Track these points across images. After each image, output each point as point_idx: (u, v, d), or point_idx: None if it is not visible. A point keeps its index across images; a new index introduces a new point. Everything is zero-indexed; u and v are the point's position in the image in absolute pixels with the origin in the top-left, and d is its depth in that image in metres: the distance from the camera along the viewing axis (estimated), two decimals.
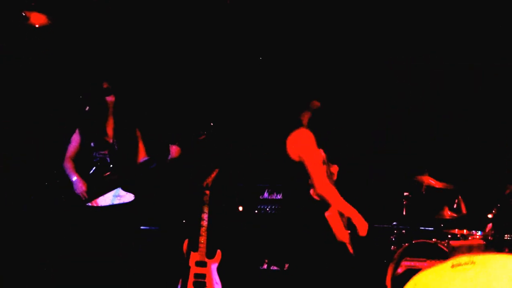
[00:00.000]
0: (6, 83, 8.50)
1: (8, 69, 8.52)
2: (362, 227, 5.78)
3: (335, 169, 6.24)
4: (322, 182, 5.65)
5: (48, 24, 8.51)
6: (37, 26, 8.50)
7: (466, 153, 8.63)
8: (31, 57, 8.61)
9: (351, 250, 5.80)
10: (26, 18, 8.41)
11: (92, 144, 7.17)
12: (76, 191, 7.01)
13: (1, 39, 8.38)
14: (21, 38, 8.54)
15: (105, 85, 7.29)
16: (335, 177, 6.19)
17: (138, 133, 7.42)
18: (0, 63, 8.47)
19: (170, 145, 7.19)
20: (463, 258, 4.05)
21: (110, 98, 7.25)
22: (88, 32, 8.70)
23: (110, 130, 7.26)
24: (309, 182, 5.72)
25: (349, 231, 5.84)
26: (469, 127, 8.69)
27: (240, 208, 8.64)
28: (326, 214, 5.68)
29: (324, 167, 5.77)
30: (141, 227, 7.84)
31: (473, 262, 4.03)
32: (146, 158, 7.30)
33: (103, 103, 7.22)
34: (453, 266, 4.07)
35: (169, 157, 7.19)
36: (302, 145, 5.73)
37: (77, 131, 7.27)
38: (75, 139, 7.27)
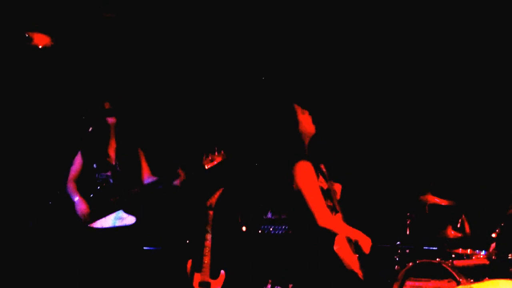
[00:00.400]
0: (9, 103, 8.52)
1: (10, 89, 8.55)
2: (366, 245, 5.76)
3: (338, 187, 6.21)
4: (323, 214, 5.61)
5: (51, 45, 8.55)
6: (40, 47, 8.54)
7: (469, 173, 8.61)
8: (33, 78, 8.64)
9: (361, 276, 5.77)
10: (30, 39, 8.45)
11: (94, 165, 7.19)
12: (77, 212, 7.02)
13: (5, 60, 8.42)
14: (24, 58, 8.57)
15: (106, 106, 7.32)
16: (338, 196, 6.16)
17: (141, 153, 7.44)
18: (4, 83, 8.50)
19: (179, 169, 7.22)
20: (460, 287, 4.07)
21: (112, 120, 7.28)
22: (90, 53, 8.73)
23: (112, 151, 7.28)
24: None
25: (357, 255, 5.82)
26: (473, 147, 8.68)
27: (244, 228, 8.63)
28: (335, 248, 5.63)
29: (322, 200, 5.72)
30: (144, 248, 7.83)
31: None
32: (153, 178, 7.31)
33: (105, 124, 7.25)
34: None
35: (177, 181, 7.22)
36: (300, 178, 5.69)
37: (79, 152, 7.29)
38: (78, 160, 7.28)
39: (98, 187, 7.15)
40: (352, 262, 5.70)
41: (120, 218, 7.11)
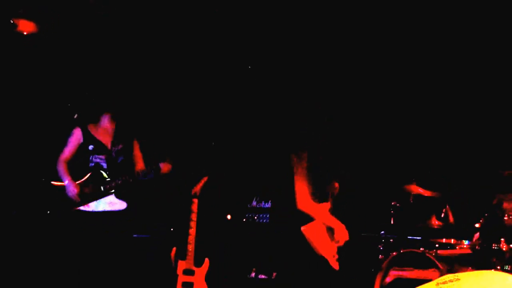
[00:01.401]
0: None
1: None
2: (342, 236, 5.86)
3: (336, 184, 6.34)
4: (302, 198, 5.78)
5: (37, 31, 8.50)
6: (25, 33, 8.48)
7: (453, 162, 8.64)
8: (18, 65, 8.60)
9: (333, 265, 5.83)
10: (15, 26, 8.40)
11: (90, 147, 7.18)
12: (68, 194, 7.01)
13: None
14: (9, 46, 8.52)
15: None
16: (336, 191, 6.27)
17: (136, 143, 7.44)
18: None
19: (160, 163, 7.25)
20: (447, 276, 4.05)
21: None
22: (81, 42, 8.69)
23: (108, 137, 7.29)
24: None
25: (337, 244, 5.88)
26: (458, 136, 8.70)
27: (228, 217, 8.64)
28: (302, 228, 5.78)
29: (305, 186, 5.87)
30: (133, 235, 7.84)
31: (458, 279, 4.02)
32: (145, 168, 7.32)
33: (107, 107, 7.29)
34: (437, 284, 4.06)
35: (160, 172, 7.25)
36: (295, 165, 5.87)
37: (74, 133, 7.26)
38: (72, 141, 7.26)
39: (91, 171, 7.15)
40: (321, 247, 5.80)
41: (111, 203, 7.11)
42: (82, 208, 7.06)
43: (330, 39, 8.66)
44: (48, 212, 7.09)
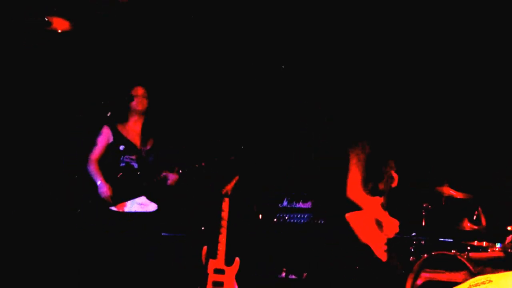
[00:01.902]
0: (31, 85, 8.54)
1: (32, 71, 8.57)
2: (392, 228, 6.15)
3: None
4: (353, 187, 5.95)
5: (71, 29, 8.55)
6: (59, 31, 8.54)
7: (486, 164, 8.58)
8: (52, 62, 8.65)
9: (379, 255, 5.90)
10: (49, 23, 8.46)
11: (121, 147, 7.21)
12: (101, 195, 7.05)
13: (26, 44, 8.43)
14: (44, 43, 8.58)
15: (139, 91, 7.38)
16: (394, 184, 6.38)
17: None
18: (25, 66, 8.51)
19: (168, 173, 7.27)
20: (479, 278, 4.04)
21: (141, 105, 7.35)
22: (113, 37, 8.73)
23: (138, 137, 7.33)
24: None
25: (386, 236, 5.98)
26: (491, 139, 8.64)
27: (260, 216, 8.64)
28: (346, 215, 5.88)
29: (359, 176, 6.03)
30: (162, 234, 7.86)
31: (490, 281, 4.02)
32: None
33: (131, 108, 7.32)
34: (470, 286, 4.05)
35: (168, 183, 7.28)
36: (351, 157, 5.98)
37: (103, 132, 7.29)
38: (102, 140, 7.30)
39: (121, 171, 7.18)
40: (365, 236, 5.90)
41: (142, 204, 7.15)
42: (114, 208, 7.11)
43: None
44: (79, 211, 7.14)
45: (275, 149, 9.03)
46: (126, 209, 7.12)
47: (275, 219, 8.57)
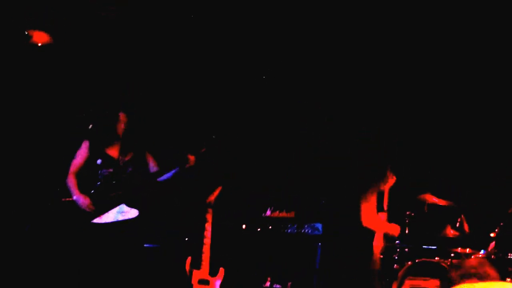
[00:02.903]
0: (9, 101, 8.51)
1: (10, 87, 8.54)
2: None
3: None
4: (369, 216, 6.25)
5: (51, 42, 8.54)
6: (39, 44, 8.52)
7: (469, 172, 8.62)
8: (33, 76, 8.62)
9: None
10: (29, 37, 8.44)
11: (98, 161, 7.20)
12: (81, 207, 7.03)
13: (4, 58, 8.40)
14: (24, 56, 8.56)
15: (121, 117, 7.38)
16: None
17: (149, 155, 7.46)
18: (5, 79, 8.49)
19: (188, 154, 7.28)
20: (465, 285, 4.08)
21: (123, 118, 7.33)
22: (91, 50, 8.71)
23: (116, 148, 7.30)
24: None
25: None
26: (472, 146, 8.68)
27: (243, 226, 8.63)
28: (375, 243, 6.11)
29: (374, 202, 6.26)
30: (145, 245, 7.83)
31: None
32: (158, 168, 7.35)
33: (111, 121, 7.28)
34: None
35: (187, 165, 7.27)
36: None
37: (83, 146, 7.28)
38: (81, 154, 7.29)
39: (99, 183, 7.16)
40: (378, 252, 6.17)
41: (122, 212, 7.13)
42: (94, 220, 7.09)
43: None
44: (61, 225, 7.14)
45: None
46: (106, 220, 7.10)
47: (258, 229, 8.55)
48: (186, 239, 8.46)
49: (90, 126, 7.29)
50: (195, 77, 9.04)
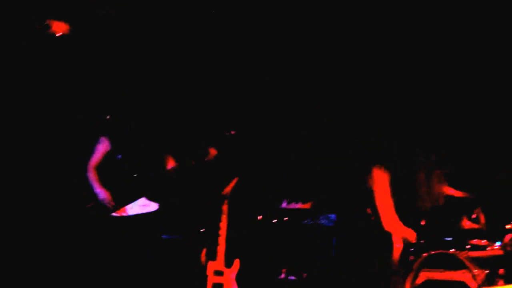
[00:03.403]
0: (29, 89, 8.54)
1: (30, 75, 8.56)
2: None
3: None
4: (389, 218, 6.17)
5: (70, 32, 8.55)
6: (58, 34, 8.53)
7: (485, 164, 8.57)
8: (51, 65, 8.65)
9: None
10: (48, 27, 8.45)
11: (118, 156, 7.23)
12: (102, 202, 7.07)
13: (25, 47, 8.43)
14: (42, 46, 8.58)
15: None
16: None
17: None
18: (23, 69, 8.51)
19: (209, 147, 7.30)
20: None
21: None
22: (108, 43, 8.73)
23: (137, 144, 7.34)
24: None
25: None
26: (490, 136, 8.63)
27: (259, 217, 8.63)
28: (396, 245, 6.14)
29: (391, 204, 6.33)
30: (163, 236, 7.86)
31: None
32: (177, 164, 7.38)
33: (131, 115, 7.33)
34: None
35: (207, 158, 7.29)
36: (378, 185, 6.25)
37: (102, 140, 7.31)
38: (100, 149, 7.32)
39: (119, 177, 7.20)
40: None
41: (143, 205, 7.17)
42: (116, 213, 7.13)
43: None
44: (84, 218, 7.19)
45: (275, 149, 9.03)
46: (128, 213, 7.14)
47: (274, 220, 8.55)
48: (202, 230, 8.47)
49: (108, 117, 7.33)
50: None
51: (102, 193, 7.11)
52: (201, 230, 8.46)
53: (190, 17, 8.60)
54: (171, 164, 7.44)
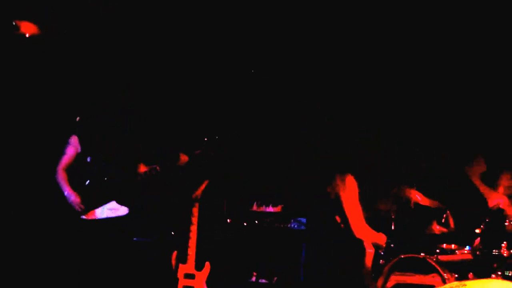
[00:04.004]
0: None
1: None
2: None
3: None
4: (359, 225, 6.26)
5: (39, 33, 8.48)
6: (27, 35, 8.46)
7: (454, 167, 8.63)
8: (20, 67, 8.56)
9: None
10: (17, 28, 8.38)
11: (88, 158, 7.18)
12: (71, 204, 7.01)
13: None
14: (11, 47, 8.50)
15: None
16: None
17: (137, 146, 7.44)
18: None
19: (180, 153, 7.27)
20: (454, 283, 4.08)
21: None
22: (80, 42, 8.67)
23: (107, 146, 7.28)
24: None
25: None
26: (457, 141, 8.70)
27: (229, 220, 8.63)
28: (368, 251, 6.36)
29: (360, 210, 6.36)
30: (134, 239, 7.82)
31: (464, 285, 4.06)
32: (150, 167, 7.32)
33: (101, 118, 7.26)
34: None
35: (177, 163, 7.26)
36: (346, 192, 6.27)
37: (71, 142, 7.25)
38: (70, 150, 7.25)
39: (89, 180, 7.15)
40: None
41: (113, 209, 7.12)
42: (85, 216, 7.07)
43: (330, 39, 8.69)
44: (52, 221, 7.14)
45: (246, 152, 9.03)
46: (97, 216, 7.09)
47: (244, 223, 8.55)
48: (172, 233, 8.45)
49: (78, 119, 7.27)
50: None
51: (70, 195, 7.05)
52: (172, 233, 8.44)
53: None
54: (142, 167, 7.38)
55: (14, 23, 8.33)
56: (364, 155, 8.49)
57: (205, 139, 7.51)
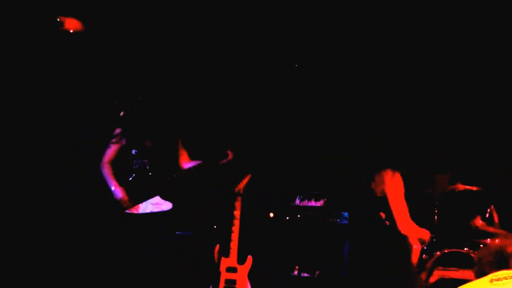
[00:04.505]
0: (42, 86, 8.53)
1: (45, 72, 8.55)
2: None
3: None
4: (405, 222, 6.31)
5: (83, 29, 8.55)
6: (71, 31, 8.53)
7: (498, 159, 8.57)
8: (64, 62, 8.64)
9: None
10: (61, 24, 8.45)
11: (133, 151, 7.20)
12: (117, 200, 7.05)
13: (38, 44, 8.42)
14: (56, 43, 8.57)
15: None
16: None
17: (179, 140, 7.44)
18: (37, 66, 8.50)
19: (228, 150, 7.29)
20: (502, 273, 4.05)
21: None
22: (123, 38, 8.73)
23: (151, 140, 7.30)
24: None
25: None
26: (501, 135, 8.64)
27: (271, 214, 8.65)
28: (414, 247, 6.41)
29: (406, 207, 6.32)
30: (176, 232, 7.86)
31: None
32: (193, 163, 7.33)
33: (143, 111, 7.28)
34: (492, 280, 4.05)
35: (224, 160, 7.28)
36: (393, 187, 6.18)
37: (117, 134, 7.27)
38: (115, 143, 7.28)
39: (134, 174, 7.18)
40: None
41: (157, 204, 7.15)
42: (129, 211, 7.11)
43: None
44: (99, 215, 7.18)
45: (288, 146, 9.04)
46: (141, 211, 7.13)
47: (287, 217, 8.55)
48: (215, 226, 8.49)
49: (122, 113, 7.30)
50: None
51: (118, 192, 7.07)
52: (214, 227, 8.48)
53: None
54: (185, 162, 7.40)
55: (58, 20, 8.40)
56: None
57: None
